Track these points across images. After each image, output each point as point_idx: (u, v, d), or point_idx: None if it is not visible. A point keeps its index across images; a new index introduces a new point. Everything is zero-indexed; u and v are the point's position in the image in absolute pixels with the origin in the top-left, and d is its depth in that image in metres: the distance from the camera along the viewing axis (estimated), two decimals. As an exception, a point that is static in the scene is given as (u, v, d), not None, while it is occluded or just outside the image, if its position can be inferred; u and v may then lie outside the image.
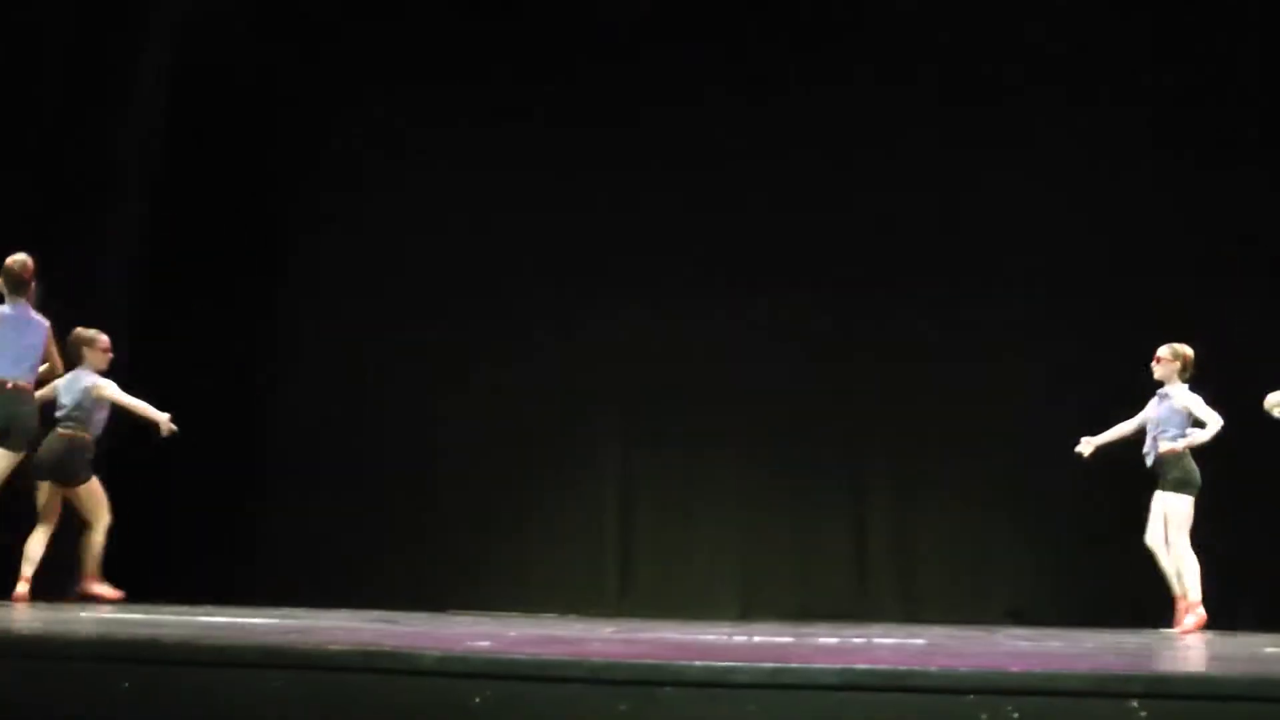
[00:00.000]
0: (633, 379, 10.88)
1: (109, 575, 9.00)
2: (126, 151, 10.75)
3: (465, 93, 11.22)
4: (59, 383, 8.62)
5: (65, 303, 10.36)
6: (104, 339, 8.91)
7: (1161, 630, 8.44)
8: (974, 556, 10.53)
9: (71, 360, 8.71)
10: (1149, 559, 8.71)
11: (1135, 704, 3.14)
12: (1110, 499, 10.01)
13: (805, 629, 7.47)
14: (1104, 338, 10.24)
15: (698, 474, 10.84)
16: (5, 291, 8.07)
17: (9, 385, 7.95)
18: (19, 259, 8.06)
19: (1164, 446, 8.46)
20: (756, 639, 5.63)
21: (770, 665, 3.39)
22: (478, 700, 3.38)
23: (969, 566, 10.54)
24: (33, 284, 8.09)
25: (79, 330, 8.81)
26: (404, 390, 10.85)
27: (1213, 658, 4.76)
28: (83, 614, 6.59)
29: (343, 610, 8.63)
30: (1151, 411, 8.67)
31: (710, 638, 5.65)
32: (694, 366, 10.71)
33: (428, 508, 10.75)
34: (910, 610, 10.22)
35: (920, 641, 5.80)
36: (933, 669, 3.32)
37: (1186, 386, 8.60)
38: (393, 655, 3.60)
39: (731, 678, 3.32)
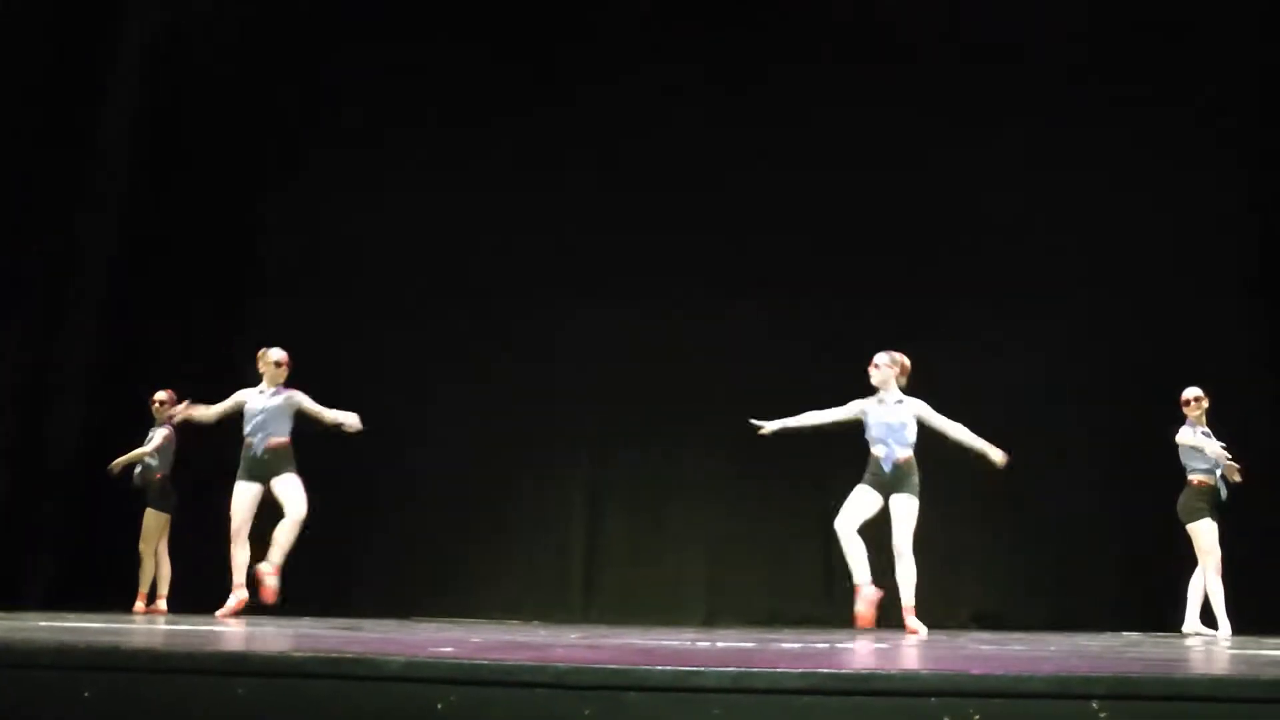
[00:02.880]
0: (600, 385, 10.88)
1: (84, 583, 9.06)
2: (106, 146, 10.72)
3: (448, 96, 11.22)
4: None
5: (45, 302, 10.35)
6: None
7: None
8: (940, 562, 10.53)
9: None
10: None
11: (1096, 705, 3.16)
12: (1076, 504, 10.10)
13: (770, 634, 7.48)
14: (1075, 344, 10.31)
15: (665, 480, 10.85)
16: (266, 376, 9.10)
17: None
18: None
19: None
20: (721, 644, 5.63)
21: (734, 670, 3.40)
22: (442, 706, 3.37)
23: (935, 572, 10.53)
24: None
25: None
26: (372, 397, 10.79)
27: (1174, 660, 4.79)
28: (42, 622, 6.54)
29: (306, 618, 8.61)
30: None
31: (675, 643, 5.65)
32: (662, 373, 10.72)
33: (393, 516, 10.71)
34: (877, 616, 10.23)
35: (883, 645, 5.82)
36: (895, 672, 3.33)
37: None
38: (357, 661, 3.58)
39: (696, 682, 3.32)
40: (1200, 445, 8.86)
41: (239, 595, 8.67)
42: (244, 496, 8.84)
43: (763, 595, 10.41)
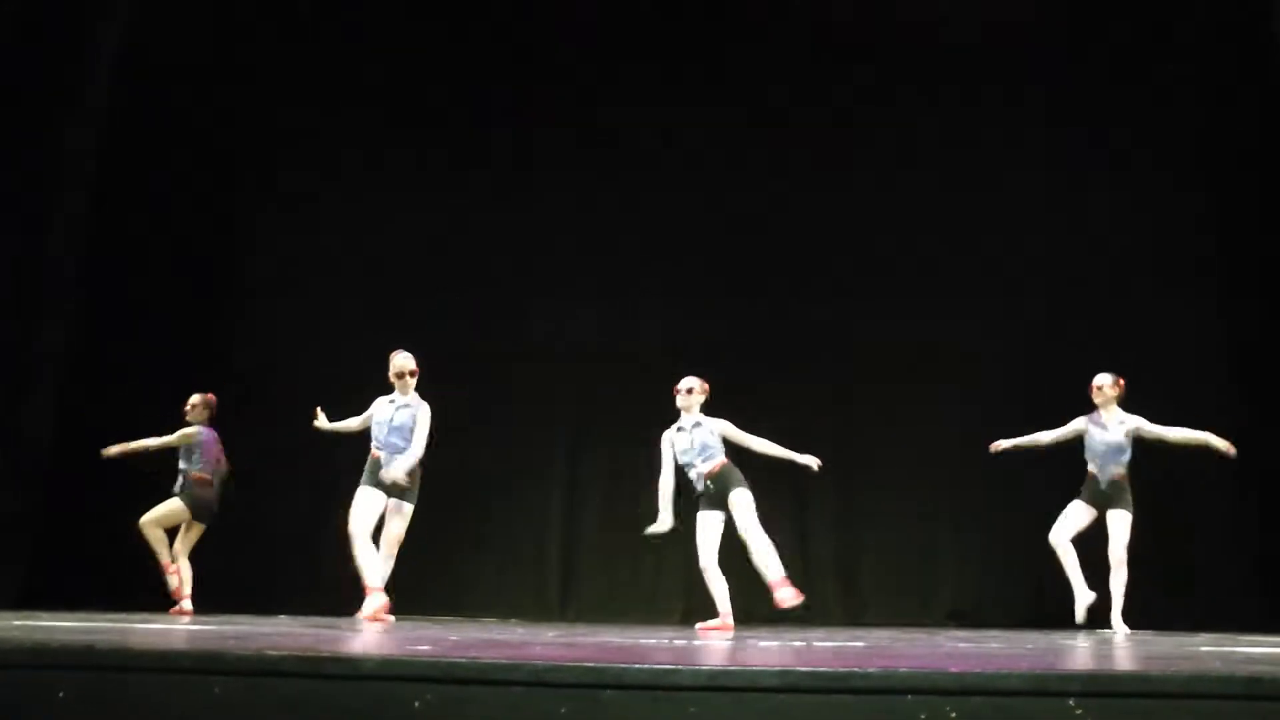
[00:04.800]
0: (578, 383, 10.88)
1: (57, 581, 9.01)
2: (73, 147, 10.63)
3: (418, 96, 11.21)
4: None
5: (6, 302, 10.27)
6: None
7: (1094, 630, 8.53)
8: (916, 560, 10.58)
9: None
10: None
11: (1073, 703, 3.16)
12: (1051, 503, 10.11)
13: (747, 633, 7.49)
14: (1046, 345, 10.35)
15: (642, 479, 10.83)
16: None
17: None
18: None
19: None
20: (698, 642, 5.63)
21: (711, 668, 3.39)
22: (419, 704, 3.36)
23: (911, 570, 10.59)
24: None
25: None
26: (350, 396, 10.76)
27: (1149, 656, 4.81)
28: (16, 621, 6.51)
29: (283, 615, 8.59)
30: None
31: (652, 641, 5.64)
32: (639, 372, 10.72)
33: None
34: (853, 614, 10.26)
35: (860, 644, 5.83)
36: (872, 670, 3.33)
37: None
38: (334, 659, 3.57)
39: (673, 680, 3.32)
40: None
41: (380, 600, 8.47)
42: (374, 503, 8.79)
43: (739, 594, 10.39)
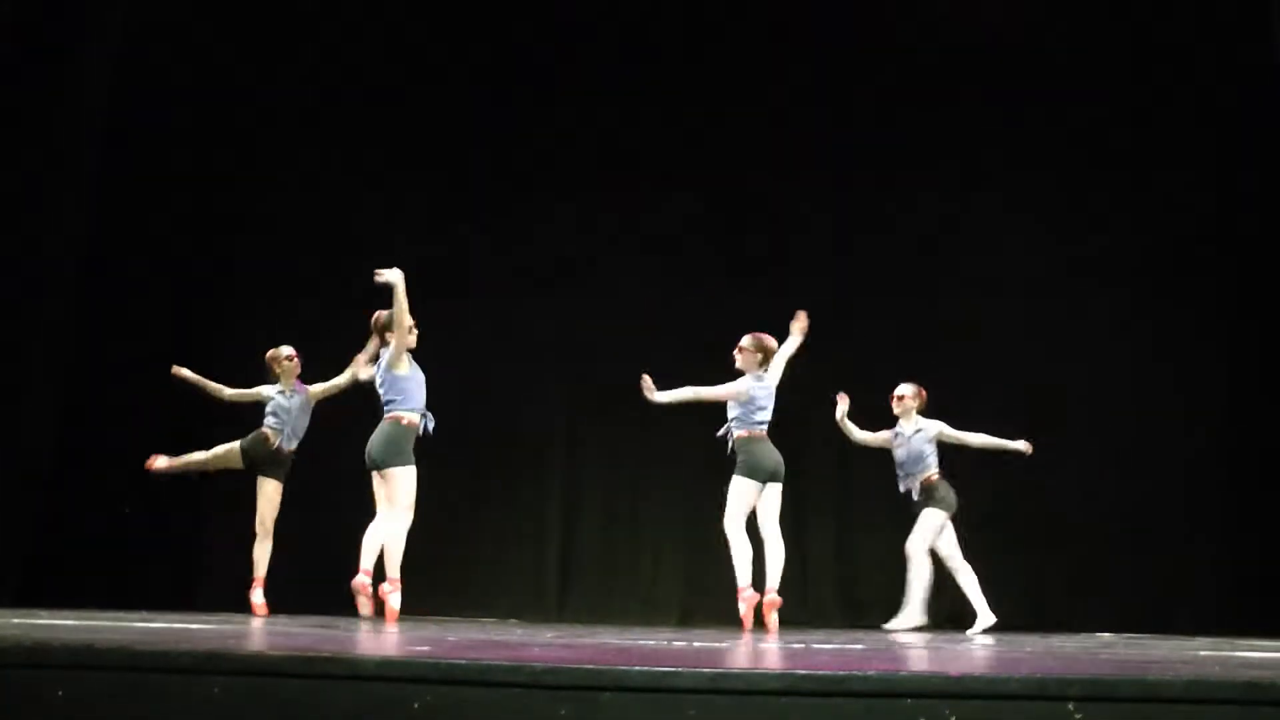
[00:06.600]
0: (575, 383, 10.88)
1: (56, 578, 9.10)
2: (73, 147, 10.60)
3: (418, 97, 11.21)
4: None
5: (6, 302, 10.25)
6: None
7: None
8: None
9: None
10: None
11: (1072, 706, 3.17)
12: (1050, 506, 10.14)
13: (747, 635, 7.49)
14: (1046, 346, 10.36)
15: (640, 479, 10.84)
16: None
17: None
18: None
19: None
20: (697, 644, 5.63)
21: (711, 670, 3.39)
22: (418, 705, 3.36)
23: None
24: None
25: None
26: (345, 397, 10.79)
27: (1149, 660, 4.81)
28: (15, 620, 6.50)
29: (282, 615, 8.58)
30: None
31: (651, 643, 5.64)
32: (637, 372, 10.71)
33: (366, 515, 10.67)
34: (851, 616, 10.26)
35: (859, 646, 5.83)
36: (871, 673, 3.33)
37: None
38: (332, 660, 3.57)
39: (672, 683, 3.32)
40: None
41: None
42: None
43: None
